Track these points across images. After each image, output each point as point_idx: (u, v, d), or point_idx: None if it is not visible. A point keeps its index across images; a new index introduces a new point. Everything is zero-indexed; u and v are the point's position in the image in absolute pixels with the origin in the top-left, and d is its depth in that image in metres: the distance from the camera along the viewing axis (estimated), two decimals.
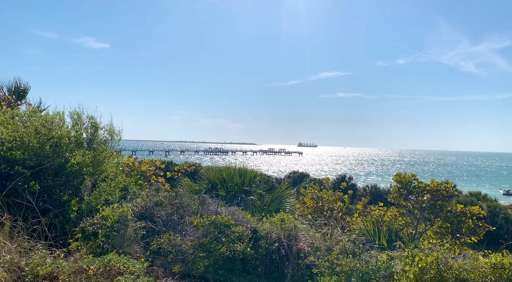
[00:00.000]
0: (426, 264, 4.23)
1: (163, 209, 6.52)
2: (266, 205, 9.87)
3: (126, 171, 10.17)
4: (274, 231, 5.72)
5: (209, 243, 5.28)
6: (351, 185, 33.80)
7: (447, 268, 4.21)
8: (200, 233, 5.66)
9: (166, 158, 23.39)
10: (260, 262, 5.31)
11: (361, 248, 5.40)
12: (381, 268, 4.67)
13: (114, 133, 7.59)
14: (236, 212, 6.29)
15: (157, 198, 6.78)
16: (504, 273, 3.93)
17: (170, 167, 21.08)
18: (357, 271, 4.64)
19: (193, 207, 6.81)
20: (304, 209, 11.86)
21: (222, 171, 10.63)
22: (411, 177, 10.92)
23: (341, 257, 4.94)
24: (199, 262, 5.17)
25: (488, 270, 4.04)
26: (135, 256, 5.30)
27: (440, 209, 10.18)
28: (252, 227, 5.77)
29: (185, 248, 5.47)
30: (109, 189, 6.82)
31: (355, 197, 28.32)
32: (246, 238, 5.49)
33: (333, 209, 11.89)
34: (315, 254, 5.30)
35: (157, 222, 6.22)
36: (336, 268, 4.71)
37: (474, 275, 4.11)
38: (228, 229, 5.58)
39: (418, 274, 4.19)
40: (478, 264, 4.25)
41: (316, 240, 5.80)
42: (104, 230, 5.29)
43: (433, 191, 10.38)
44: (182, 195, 6.98)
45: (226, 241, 5.34)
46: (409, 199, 10.70)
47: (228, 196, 9.53)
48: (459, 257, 4.89)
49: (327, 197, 12.03)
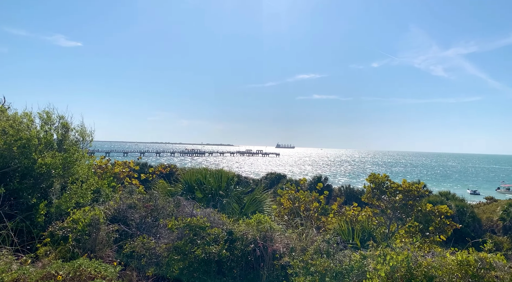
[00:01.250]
0: (397, 263, 4.35)
1: (137, 212, 6.39)
2: (243, 207, 9.86)
3: (99, 173, 9.91)
4: (250, 233, 5.73)
5: (184, 245, 5.22)
6: (327, 185, 34.33)
7: (417, 266, 4.34)
8: (175, 236, 5.58)
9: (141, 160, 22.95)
10: (236, 263, 5.29)
11: (335, 248, 5.49)
12: (354, 267, 4.76)
13: (85, 134, 7.39)
14: (212, 214, 6.25)
15: (131, 201, 6.64)
16: (470, 270, 4.09)
17: (145, 169, 20.70)
18: (331, 270, 4.71)
19: (168, 210, 6.71)
20: (281, 210, 11.93)
21: (198, 172, 10.52)
22: (384, 177, 11.21)
23: (316, 257, 5.01)
24: (173, 265, 5.10)
25: (455, 267, 4.20)
26: (108, 260, 5.16)
27: (411, 209, 10.50)
28: (228, 229, 5.75)
29: (159, 251, 5.39)
30: (81, 192, 6.62)
31: (330, 197, 28.78)
32: (221, 240, 5.47)
33: (310, 209, 12.03)
34: (291, 255, 5.35)
35: (131, 225, 6.09)
36: (311, 268, 4.76)
37: (441, 272, 4.26)
38: (203, 231, 5.53)
39: (389, 272, 4.30)
40: (445, 261, 4.41)
41: (291, 241, 5.85)
42: (75, 234, 5.13)
43: (405, 191, 10.70)
44: (156, 198, 6.87)
45: (201, 243, 5.30)
46: (382, 199, 10.99)
47: (205, 198, 9.45)
48: (428, 255, 5.06)
49: (304, 198, 12.16)
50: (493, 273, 4.12)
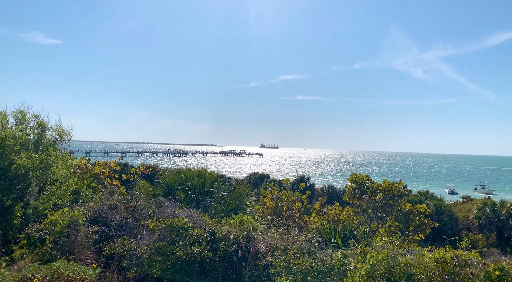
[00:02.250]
0: (377, 261, 4.44)
1: (117, 213, 6.28)
2: (226, 207, 9.83)
3: (78, 174, 9.70)
4: (233, 233, 5.72)
5: (166, 246, 5.17)
6: (309, 185, 34.62)
7: (396, 264, 4.44)
8: (157, 237, 5.52)
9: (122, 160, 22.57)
10: (218, 264, 5.28)
11: (317, 247, 5.55)
12: (336, 266, 4.83)
13: (63, 134, 7.21)
14: (194, 215, 6.21)
15: (111, 202, 6.53)
16: (446, 267, 4.21)
17: (126, 169, 20.36)
18: (312, 270, 4.76)
19: (150, 210, 6.63)
20: (264, 210, 11.95)
21: (181, 173, 10.43)
22: (365, 177, 11.38)
23: (298, 257, 5.05)
24: (155, 266, 5.04)
25: (432, 265, 4.31)
26: (87, 262, 5.06)
27: (391, 208, 10.70)
28: (211, 230, 5.73)
29: (140, 252, 5.31)
30: (59, 193, 6.47)
31: (313, 197, 29.03)
32: (204, 240, 5.44)
33: (292, 209, 12.10)
34: (273, 254, 5.37)
35: (111, 226, 5.99)
36: (293, 267, 4.80)
37: (420, 270, 4.37)
38: (185, 232, 5.49)
39: (370, 270, 4.38)
40: (423, 259, 4.52)
41: (274, 240, 5.87)
42: (53, 236, 5.00)
43: (385, 190, 10.89)
44: (138, 198, 6.78)
45: (183, 244, 5.26)
46: (363, 199, 11.15)
47: (187, 199, 9.38)
48: (407, 253, 5.18)
49: (287, 198, 12.22)
50: (468, 270, 4.25)
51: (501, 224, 26.20)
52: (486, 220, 26.57)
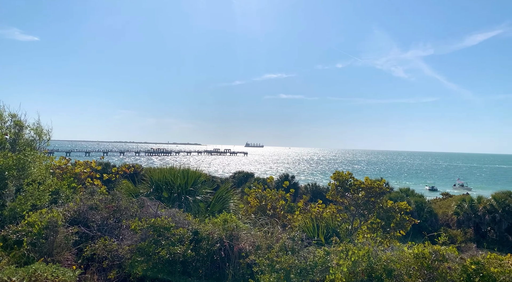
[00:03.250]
0: (358, 258, 4.51)
1: (98, 213, 6.17)
2: (210, 206, 9.78)
3: (58, 174, 9.48)
4: (216, 232, 5.70)
5: (148, 246, 5.11)
6: (293, 184, 34.86)
7: (377, 260, 4.52)
8: (139, 237, 5.45)
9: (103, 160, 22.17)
10: (201, 263, 5.25)
11: (300, 245, 5.59)
12: (318, 263, 4.87)
13: (42, 133, 7.03)
14: (177, 214, 6.15)
15: (92, 202, 6.40)
16: (425, 262, 4.32)
17: (108, 169, 20.00)
18: (295, 267, 4.79)
19: (132, 210, 6.54)
20: (248, 209, 11.96)
21: (164, 172, 10.32)
22: (348, 175, 11.53)
23: (281, 254, 5.07)
24: (137, 266, 4.98)
25: (412, 260, 4.41)
26: (67, 264, 4.95)
27: (373, 205, 10.88)
28: (194, 229, 5.69)
29: (122, 252, 5.24)
30: (37, 194, 6.30)
31: (297, 195, 29.25)
32: (187, 240, 5.40)
33: (276, 207, 12.15)
34: (256, 253, 5.38)
35: (92, 227, 5.88)
36: (276, 265, 4.82)
37: (400, 265, 4.46)
38: (168, 231, 5.44)
39: (351, 267, 4.45)
40: (403, 255, 4.62)
41: (257, 239, 5.88)
42: (30, 237, 4.87)
43: (367, 188, 11.07)
44: (119, 198, 6.67)
45: (166, 244, 5.21)
46: (346, 196, 11.30)
47: (170, 198, 9.29)
48: (388, 250, 5.27)
49: (271, 196, 12.26)
50: (446, 264, 4.36)
51: (478, 219, 27.01)
52: (464, 216, 27.35)
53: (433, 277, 4.24)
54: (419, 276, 4.30)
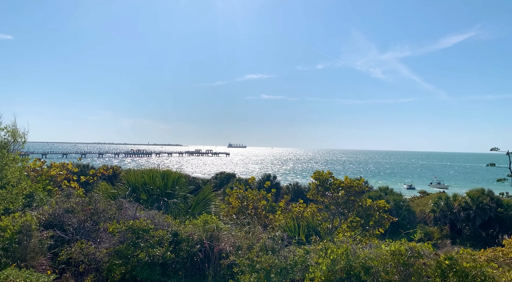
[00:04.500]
0: (337, 256, 4.57)
1: (75, 216, 6.02)
2: (190, 208, 9.70)
3: (32, 176, 9.20)
4: (196, 233, 5.66)
5: (126, 249, 5.03)
6: (275, 184, 35.01)
7: (355, 258, 4.59)
8: (117, 240, 5.35)
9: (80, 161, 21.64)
10: (181, 265, 5.21)
11: (281, 244, 5.63)
12: (298, 262, 4.92)
13: (17, 135, 6.78)
14: (157, 216, 6.08)
15: (68, 205, 6.25)
16: (401, 259, 4.42)
17: (86, 171, 19.55)
18: (275, 267, 4.81)
19: (110, 213, 6.41)
20: (229, 209, 11.92)
21: (143, 173, 10.16)
22: (328, 174, 11.66)
23: (261, 254, 5.09)
24: (115, 269, 4.89)
25: (389, 257, 4.51)
26: (41, 269, 4.81)
27: (353, 204, 11.05)
28: (173, 231, 5.64)
29: (99, 256, 5.13)
30: (10, 197, 6.09)
31: (279, 195, 29.39)
32: (166, 242, 5.34)
33: (258, 207, 12.16)
34: (237, 253, 5.38)
35: (68, 230, 5.73)
36: (256, 265, 4.83)
37: (377, 262, 4.55)
38: (147, 234, 5.37)
39: (330, 265, 4.50)
40: (381, 252, 4.71)
41: (238, 239, 5.88)
42: (2, 242, 4.71)
43: (347, 187, 11.23)
44: (97, 201, 6.53)
45: (145, 246, 5.13)
46: (326, 196, 11.43)
47: (150, 200, 9.16)
48: (366, 247, 5.37)
49: (252, 197, 12.25)
50: (421, 260, 4.48)
51: (453, 216, 27.85)
52: (441, 213, 28.14)
53: (409, 273, 4.35)
54: (396, 273, 4.40)
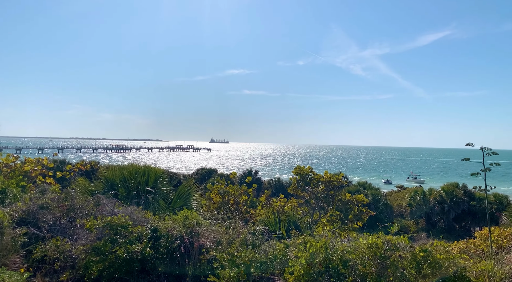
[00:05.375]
0: (316, 249, 4.63)
1: (50, 213, 5.86)
2: (171, 203, 9.62)
3: (5, 172, 8.89)
4: (176, 229, 5.62)
5: (104, 245, 4.93)
6: (257, 179, 35.15)
7: (334, 251, 4.67)
8: (94, 236, 5.24)
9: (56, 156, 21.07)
10: (161, 261, 5.16)
11: (261, 239, 5.65)
12: (278, 256, 4.96)
13: None
14: (135, 212, 5.99)
15: (43, 201, 6.07)
16: (378, 251, 4.52)
17: (63, 166, 19.05)
18: (255, 261, 4.84)
19: (87, 209, 6.27)
20: (210, 205, 11.88)
21: (123, 169, 9.98)
22: (308, 169, 11.79)
23: (241, 249, 5.10)
24: (92, 266, 4.79)
25: (366, 250, 4.61)
26: (14, 267, 4.67)
27: (332, 199, 11.22)
28: (153, 226, 5.57)
29: (76, 253, 5.02)
30: None
31: (260, 190, 29.53)
32: (145, 237, 5.28)
33: (239, 203, 12.17)
34: (217, 248, 5.37)
35: (43, 227, 5.57)
36: (236, 260, 4.84)
37: (355, 255, 4.64)
38: (125, 229, 5.28)
39: (309, 259, 4.56)
40: (358, 245, 4.81)
41: (218, 234, 5.87)
42: None
43: (327, 182, 11.39)
44: (73, 197, 6.37)
45: (123, 242, 5.05)
46: (307, 190, 11.57)
47: (129, 196, 9.03)
48: (344, 241, 5.47)
49: (233, 192, 12.25)
50: (398, 253, 4.61)
51: (429, 210, 28.73)
52: (417, 207, 28.97)
53: (386, 266, 4.46)
54: (373, 265, 4.50)
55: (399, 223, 24.86)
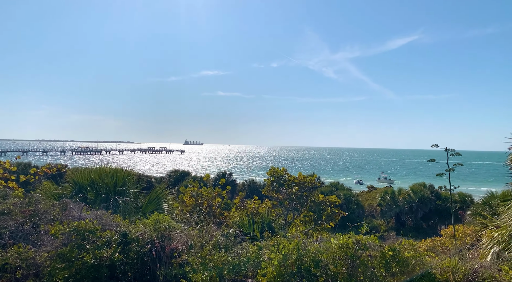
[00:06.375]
0: (289, 251, 4.65)
1: (11, 219, 5.58)
2: (142, 207, 9.40)
3: None
4: (147, 233, 5.49)
5: (70, 252, 4.74)
6: (231, 181, 35.01)
7: (306, 252, 4.71)
8: (60, 242, 5.03)
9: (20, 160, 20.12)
10: (131, 266, 5.02)
11: (234, 241, 5.62)
12: (251, 258, 4.94)
13: None
14: (104, 216, 5.80)
15: (4, 206, 5.77)
16: (349, 251, 4.60)
17: (27, 170, 18.20)
18: (228, 264, 4.80)
19: (52, 214, 6.02)
20: (183, 208, 11.71)
21: (91, 172, 9.66)
22: (283, 171, 11.88)
23: (214, 252, 5.05)
24: (57, 274, 4.59)
25: (337, 250, 4.68)
26: None
27: (306, 199, 11.35)
28: (122, 231, 5.41)
29: (40, 260, 4.79)
30: None
31: (234, 192, 29.44)
32: (114, 242, 5.12)
33: (212, 205, 12.06)
34: (189, 252, 5.29)
35: (4, 234, 5.29)
36: (209, 263, 4.78)
37: (326, 256, 4.70)
38: (93, 235, 5.10)
39: (282, 260, 4.58)
40: (330, 245, 4.88)
41: (191, 238, 5.79)
42: None
43: (301, 183, 11.51)
44: (38, 201, 6.10)
45: (91, 248, 4.88)
46: (281, 192, 11.64)
47: (98, 200, 8.74)
48: (317, 241, 5.53)
49: (207, 194, 12.13)
50: (368, 252, 4.70)
51: (398, 209, 29.63)
52: (387, 207, 29.81)
53: (356, 265, 4.54)
54: (344, 265, 4.57)
55: (370, 223, 25.53)
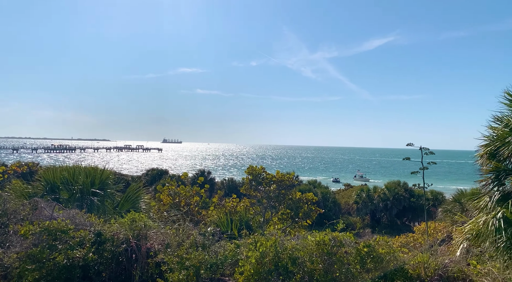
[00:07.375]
0: (266, 248, 4.68)
1: None
2: (118, 206, 9.20)
3: None
4: (122, 232, 5.38)
5: (41, 252, 4.59)
6: (209, 179, 34.79)
7: (283, 250, 4.74)
8: (30, 243, 4.86)
9: None
10: (105, 266, 4.91)
11: (212, 240, 5.60)
12: (228, 256, 4.94)
13: None
14: (78, 216, 5.65)
15: None
16: (325, 248, 4.67)
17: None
18: (205, 262, 4.77)
19: (22, 214, 5.80)
20: (160, 207, 11.56)
21: (65, 170, 9.37)
22: (261, 169, 11.92)
23: (191, 251, 5.00)
24: (27, 275, 4.43)
25: (314, 247, 4.74)
26: None
27: (284, 197, 11.44)
28: (97, 230, 5.28)
29: (8, 262, 4.61)
30: None
31: (213, 190, 29.28)
32: (88, 242, 4.99)
33: (190, 204, 11.97)
34: (166, 251, 5.22)
35: None
36: (186, 262, 4.74)
37: (303, 253, 4.75)
38: (66, 235, 4.96)
39: (259, 258, 4.59)
40: (307, 242, 4.93)
41: (167, 237, 5.71)
42: None
43: (279, 181, 11.59)
44: (6, 200, 5.87)
45: (63, 248, 4.73)
46: (259, 190, 11.68)
47: (72, 199, 8.50)
48: (294, 239, 5.58)
49: (184, 193, 12.02)
50: (344, 249, 4.79)
51: (373, 207, 30.33)
52: (362, 204, 30.45)
53: (332, 262, 4.61)
54: (320, 262, 4.64)
55: (346, 220, 26.01)
